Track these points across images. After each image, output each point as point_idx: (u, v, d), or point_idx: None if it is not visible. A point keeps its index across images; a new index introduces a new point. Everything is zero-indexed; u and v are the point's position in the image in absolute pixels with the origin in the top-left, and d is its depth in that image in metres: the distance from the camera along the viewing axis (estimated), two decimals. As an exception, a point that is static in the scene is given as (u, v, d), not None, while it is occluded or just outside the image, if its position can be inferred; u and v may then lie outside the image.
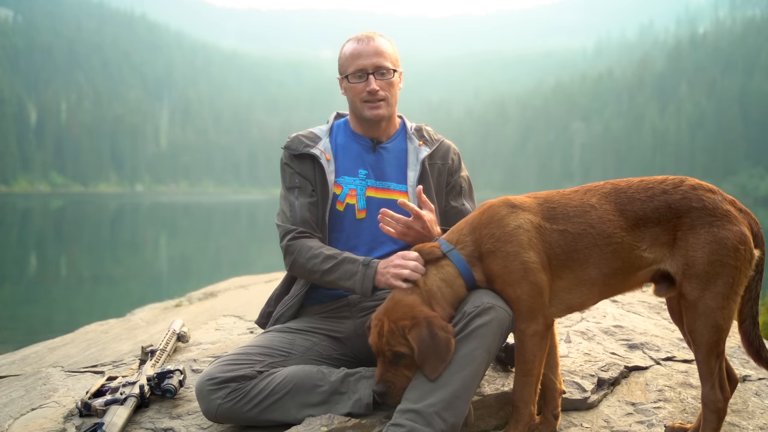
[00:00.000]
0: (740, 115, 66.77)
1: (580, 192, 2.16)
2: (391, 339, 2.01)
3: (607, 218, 2.08)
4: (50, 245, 25.83)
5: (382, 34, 2.54)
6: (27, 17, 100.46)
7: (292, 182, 2.49)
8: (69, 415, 2.34)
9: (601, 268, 2.08)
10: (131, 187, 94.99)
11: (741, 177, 63.29)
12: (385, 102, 2.48)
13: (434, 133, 2.66)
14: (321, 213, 2.47)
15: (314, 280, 2.37)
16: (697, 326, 2.01)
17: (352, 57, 2.47)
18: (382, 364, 2.06)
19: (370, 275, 2.21)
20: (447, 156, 2.61)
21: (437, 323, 2.00)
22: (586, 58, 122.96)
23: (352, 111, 2.56)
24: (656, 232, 2.05)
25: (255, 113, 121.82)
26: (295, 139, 2.54)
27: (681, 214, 2.03)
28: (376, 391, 2.05)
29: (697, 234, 2.00)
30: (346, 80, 2.50)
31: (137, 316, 4.54)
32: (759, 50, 71.04)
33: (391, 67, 2.48)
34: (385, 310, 2.07)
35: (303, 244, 2.37)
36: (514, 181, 79.70)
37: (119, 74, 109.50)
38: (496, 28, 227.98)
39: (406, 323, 2.00)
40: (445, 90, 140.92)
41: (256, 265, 14.91)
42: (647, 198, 2.07)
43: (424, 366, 1.99)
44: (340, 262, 2.28)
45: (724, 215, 2.01)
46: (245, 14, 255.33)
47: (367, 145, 2.56)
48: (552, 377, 2.25)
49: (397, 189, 2.52)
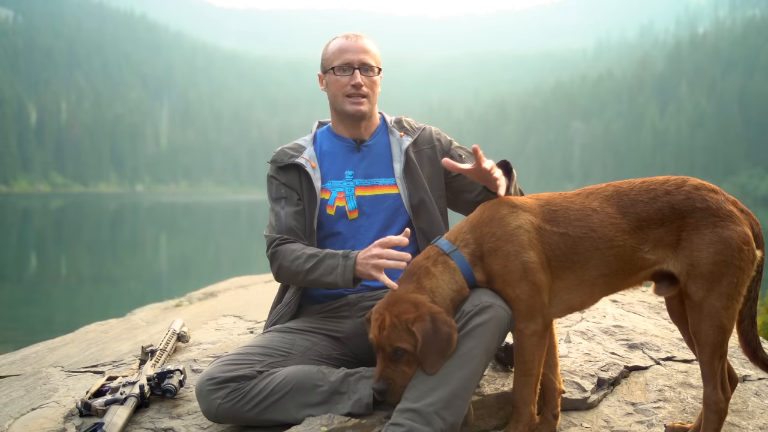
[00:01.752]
0: (740, 115, 66.78)
1: (582, 195, 2.15)
2: (393, 334, 1.99)
3: (609, 222, 2.07)
4: (50, 245, 25.83)
5: (369, 37, 2.57)
6: (27, 17, 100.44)
7: (278, 193, 2.52)
8: (69, 415, 2.34)
9: (601, 269, 2.08)
10: (131, 187, 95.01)
11: (741, 177, 63.29)
12: (367, 99, 2.50)
13: (415, 123, 2.67)
14: (308, 220, 2.48)
15: (300, 281, 2.37)
16: (702, 326, 2.01)
17: (339, 51, 2.49)
18: (382, 360, 2.04)
19: (350, 266, 2.21)
20: (432, 140, 2.61)
21: (441, 318, 2.00)
22: (586, 59, 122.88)
23: (333, 107, 2.57)
24: (659, 234, 2.05)
25: (255, 113, 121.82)
26: (281, 152, 2.57)
27: (685, 214, 2.03)
28: (376, 389, 2.03)
29: (701, 234, 2.00)
30: (331, 73, 2.51)
31: (137, 316, 4.54)
32: (759, 50, 71.05)
33: (375, 65, 2.52)
34: (387, 305, 2.05)
35: (287, 248, 2.38)
36: (514, 181, 79.60)
37: (119, 74, 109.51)
38: (496, 28, 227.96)
39: (410, 317, 1.99)
40: (445, 90, 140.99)
41: (256, 265, 14.88)
42: (650, 199, 2.07)
43: (424, 360, 1.98)
44: (322, 259, 2.28)
45: (728, 216, 2.01)
46: (245, 14, 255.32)
47: (351, 146, 2.57)
48: (551, 377, 2.25)
49: (385, 183, 2.53)
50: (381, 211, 2.51)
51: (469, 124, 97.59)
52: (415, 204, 2.50)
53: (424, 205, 2.50)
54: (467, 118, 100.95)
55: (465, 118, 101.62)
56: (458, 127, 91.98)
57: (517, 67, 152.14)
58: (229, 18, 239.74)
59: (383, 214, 2.51)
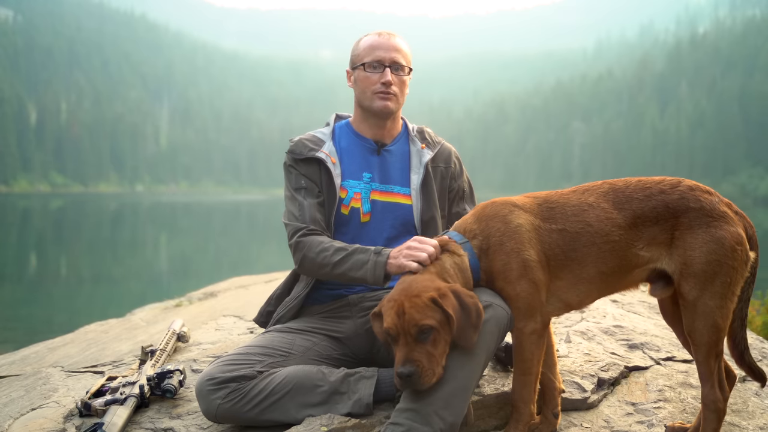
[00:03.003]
0: (740, 115, 66.79)
1: (578, 192, 2.18)
2: (417, 313, 1.90)
3: (605, 216, 2.10)
4: (50, 245, 25.82)
5: (402, 37, 2.56)
6: (27, 17, 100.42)
7: (298, 183, 2.48)
8: (69, 415, 2.34)
9: (598, 266, 2.10)
10: (131, 187, 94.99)
11: (741, 177, 63.33)
12: (395, 97, 2.49)
13: (435, 135, 2.67)
14: (328, 215, 2.47)
15: (324, 274, 2.33)
16: (696, 326, 2.02)
17: (371, 48, 2.48)
18: (405, 345, 1.92)
19: (382, 262, 2.18)
20: (450, 160, 2.62)
21: (463, 291, 1.98)
22: (586, 58, 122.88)
23: (359, 104, 2.55)
24: (653, 232, 2.07)
25: (255, 113, 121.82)
26: (299, 143, 2.52)
27: (679, 214, 2.05)
28: (403, 372, 1.89)
29: (695, 234, 2.02)
30: (361, 69, 2.49)
31: (137, 316, 4.54)
32: (759, 50, 71.06)
33: (405, 65, 2.51)
34: (401, 291, 1.98)
35: (313, 240, 2.36)
36: (514, 181, 79.68)
37: (119, 74, 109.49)
38: (496, 28, 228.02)
39: (433, 294, 1.94)
40: (445, 90, 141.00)
41: (256, 265, 14.91)
42: (645, 197, 2.09)
43: (460, 337, 1.93)
44: (351, 253, 2.26)
45: (721, 216, 2.03)
46: (245, 14, 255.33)
47: (371, 148, 2.56)
48: (551, 376, 2.26)
49: (400, 192, 2.52)
50: (391, 219, 2.50)
51: (469, 124, 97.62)
52: (426, 220, 2.50)
53: (434, 222, 2.50)
54: (467, 118, 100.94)
55: (465, 117, 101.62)
56: (458, 127, 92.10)
57: (517, 67, 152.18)
58: (229, 18, 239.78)
59: (393, 222, 2.50)
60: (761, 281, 2.14)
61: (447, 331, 1.94)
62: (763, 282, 2.21)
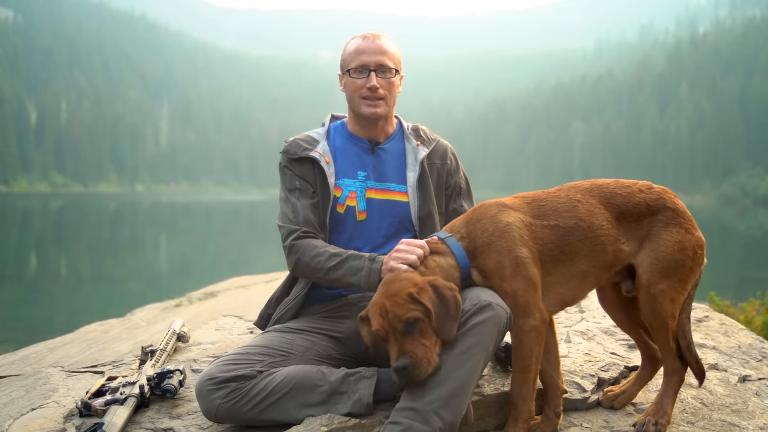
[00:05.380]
0: (740, 115, 66.82)
1: (563, 189, 2.28)
2: (398, 309, 1.94)
3: (595, 211, 2.20)
4: (50, 245, 25.81)
5: (389, 36, 2.55)
6: (27, 17, 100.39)
7: (292, 184, 2.49)
8: (69, 415, 2.34)
9: (590, 260, 2.18)
10: (131, 187, 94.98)
11: (741, 177, 63.38)
12: (383, 101, 2.49)
13: (430, 133, 2.67)
14: (322, 215, 2.47)
15: (318, 278, 2.35)
16: (657, 310, 2.18)
17: (356, 53, 2.48)
18: (395, 341, 1.95)
19: (376, 269, 2.20)
20: (446, 156, 2.62)
21: (440, 283, 2.00)
22: (586, 59, 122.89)
23: (350, 108, 2.57)
24: (634, 227, 2.21)
25: (255, 113, 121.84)
26: (293, 143, 2.53)
27: (656, 212, 2.22)
28: (399, 366, 1.91)
29: (669, 232, 2.19)
30: (348, 75, 2.51)
31: (137, 316, 4.54)
32: (759, 50, 71.07)
33: (392, 66, 2.50)
34: (381, 294, 2.02)
35: (307, 243, 2.36)
36: (514, 181, 79.67)
37: (119, 74, 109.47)
38: (497, 28, 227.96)
39: (412, 290, 1.97)
40: (445, 90, 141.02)
41: (256, 265, 14.92)
42: (628, 194, 2.24)
43: (440, 330, 1.95)
44: (345, 259, 2.27)
45: (689, 220, 2.24)
46: (245, 14, 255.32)
47: (365, 147, 2.56)
48: (554, 375, 2.27)
49: (396, 189, 2.53)
50: (388, 216, 2.50)
51: (470, 124, 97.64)
52: (423, 216, 2.50)
53: (431, 218, 2.51)
54: (467, 118, 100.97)
55: (465, 118, 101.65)
56: (458, 127, 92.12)
57: (518, 67, 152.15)
58: (229, 18, 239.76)
59: (390, 220, 2.50)
60: (761, 281, 2.16)
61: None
62: (764, 282, 2.23)
